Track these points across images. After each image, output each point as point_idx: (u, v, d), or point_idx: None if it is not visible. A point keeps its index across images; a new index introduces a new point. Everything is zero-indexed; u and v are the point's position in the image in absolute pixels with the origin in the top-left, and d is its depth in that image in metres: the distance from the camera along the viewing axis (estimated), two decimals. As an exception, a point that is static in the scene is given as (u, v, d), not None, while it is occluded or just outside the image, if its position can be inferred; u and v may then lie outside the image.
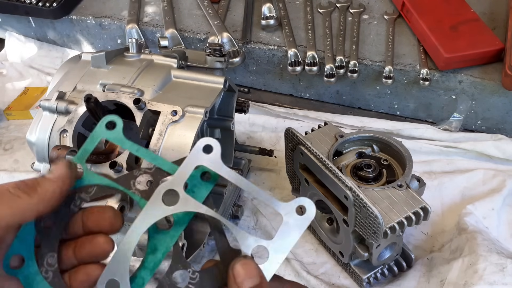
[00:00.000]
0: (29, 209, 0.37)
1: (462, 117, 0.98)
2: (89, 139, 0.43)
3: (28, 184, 0.37)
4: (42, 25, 1.28)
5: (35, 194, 0.37)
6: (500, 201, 0.84)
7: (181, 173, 0.41)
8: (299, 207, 0.40)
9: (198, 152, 0.41)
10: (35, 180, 0.38)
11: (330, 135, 0.76)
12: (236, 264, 0.38)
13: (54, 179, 0.38)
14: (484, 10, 1.05)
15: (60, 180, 0.39)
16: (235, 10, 1.15)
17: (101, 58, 0.73)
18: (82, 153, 0.44)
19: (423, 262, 0.78)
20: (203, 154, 0.41)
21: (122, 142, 0.44)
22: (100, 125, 0.43)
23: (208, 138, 0.41)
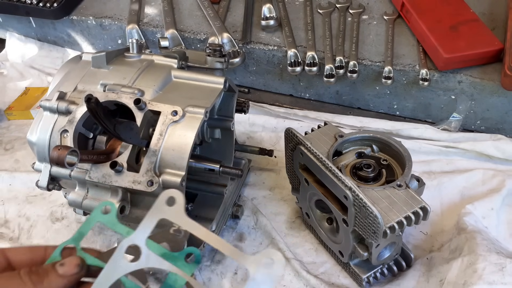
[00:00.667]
0: None
1: (461, 117, 0.99)
2: (85, 223, 0.45)
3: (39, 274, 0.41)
4: (43, 26, 1.28)
5: (40, 285, 0.40)
6: (500, 201, 0.84)
7: (144, 227, 0.41)
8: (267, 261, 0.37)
9: (161, 205, 0.41)
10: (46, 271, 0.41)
11: (330, 135, 0.76)
12: None
13: (63, 275, 0.41)
14: (484, 11, 1.06)
15: (67, 279, 0.41)
16: (235, 10, 1.15)
17: (102, 58, 0.73)
18: (78, 236, 0.45)
19: (422, 262, 0.78)
20: (166, 207, 0.41)
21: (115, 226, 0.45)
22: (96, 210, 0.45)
23: (171, 190, 0.41)
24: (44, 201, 0.93)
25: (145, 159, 0.63)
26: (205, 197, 0.82)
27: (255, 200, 0.91)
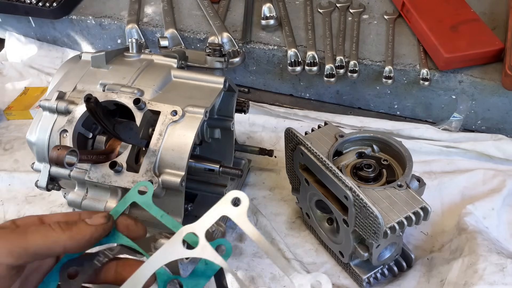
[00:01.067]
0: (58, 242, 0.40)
1: (462, 117, 0.98)
2: (121, 202, 0.47)
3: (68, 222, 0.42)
4: (42, 25, 1.28)
5: (69, 231, 0.41)
6: (500, 201, 0.84)
7: (206, 220, 0.43)
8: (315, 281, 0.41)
9: (226, 203, 0.43)
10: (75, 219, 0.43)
11: (330, 135, 0.76)
12: None
13: (90, 224, 0.42)
14: (484, 10, 1.05)
15: (95, 228, 0.42)
16: (235, 10, 1.15)
17: (101, 58, 0.73)
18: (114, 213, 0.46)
19: (423, 262, 0.78)
20: (231, 206, 0.43)
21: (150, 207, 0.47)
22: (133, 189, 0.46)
23: (238, 191, 0.42)
24: (44, 201, 0.93)
25: (145, 159, 0.62)
26: (205, 197, 0.82)
27: (255, 200, 0.91)
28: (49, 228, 0.40)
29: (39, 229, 0.40)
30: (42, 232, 0.40)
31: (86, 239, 0.42)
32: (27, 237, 0.39)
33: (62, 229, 0.41)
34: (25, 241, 0.39)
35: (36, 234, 0.40)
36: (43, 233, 0.40)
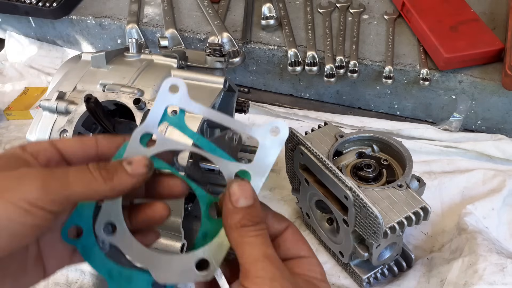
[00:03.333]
0: (99, 192, 0.38)
1: (462, 117, 0.98)
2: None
3: (108, 170, 0.39)
4: (42, 25, 1.28)
5: (110, 182, 0.38)
6: (500, 201, 0.84)
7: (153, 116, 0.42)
8: (273, 128, 0.41)
9: (165, 94, 0.41)
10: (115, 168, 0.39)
11: (330, 135, 0.76)
12: (233, 184, 0.40)
13: (131, 174, 0.39)
14: (484, 10, 1.05)
15: (136, 178, 0.39)
16: (235, 10, 1.15)
17: (101, 58, 0.73)
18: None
19: (423, 262, 0.78)
20: (171, 95, 0.41)
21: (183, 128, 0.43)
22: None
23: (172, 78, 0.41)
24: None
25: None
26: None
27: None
28: (91, 177, 0.38)
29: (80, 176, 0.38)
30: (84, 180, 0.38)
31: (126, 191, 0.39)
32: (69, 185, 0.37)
33: (104, 179, 0.38)
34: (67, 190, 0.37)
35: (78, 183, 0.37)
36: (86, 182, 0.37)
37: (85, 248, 0.42)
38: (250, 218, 0.39)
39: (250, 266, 0.37)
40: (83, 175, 0.38)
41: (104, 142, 0.42)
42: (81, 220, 0.42)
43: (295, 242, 0.41)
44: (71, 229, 0.42)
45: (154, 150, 0.42)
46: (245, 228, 0.38)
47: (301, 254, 0.41)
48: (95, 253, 0.42)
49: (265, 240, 0.38)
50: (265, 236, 0.38)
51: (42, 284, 0.81)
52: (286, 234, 0.42)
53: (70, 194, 0.37)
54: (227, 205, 0.39)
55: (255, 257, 0.37)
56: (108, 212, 0.42)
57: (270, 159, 0.42)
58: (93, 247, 0.42)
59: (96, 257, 0.42)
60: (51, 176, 0.37)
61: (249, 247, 0.38)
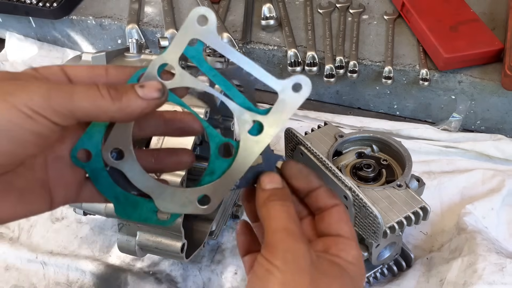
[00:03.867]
0: (106, 112, 0.37)
1: (461, 117, 0.98)
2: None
3: (117, 91, 0.37)
4: (43, 25, 1.28)
5: (118, 103, 0.37)
6: (500, 201, 0.84)
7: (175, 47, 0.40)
8: (295, 84, 0.40)
9: (192, 24, 0.39)
10: (125, 89, 0.38)
11: (330, 135, 0.76)
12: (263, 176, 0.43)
13: (142, 97, 0.38)
14: (484, 10, 1.05)
15: (146, 102, 0.38)
16: (235, 10, 1.15)
17: (102, 58, 0.73)
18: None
19: (422, 262, 0.78)
20: (198, 26, 0.39)
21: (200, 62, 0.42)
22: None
23: (202, 7, 0.38)
24: (44, 201, 0.93)
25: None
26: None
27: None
28: (98, 94, 0.36)
29: (87, 92, 0.36)
30: (90, 97, 0.36)
31: (135, 114, 0.38)
32: (74, 98, 0.35)
33: (112, 98, 0.36)
34: (72, 102, 0.35)
35: (84, 98, 0.35)
36: (92, 99, 0.36)
37: (93, 172, 0.42)
38: (278, 195, 0.41)
39: (270, 237, 0.39)
40: (90, 91, 0.36)
41: (114, 72, 0.41)
42: (90, 143, 0.41)
43: (338, 221, 0.42)
44: (81, 152, 0.41)
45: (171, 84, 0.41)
46: (271, 202, 0.41)
47: (340, 233, 0.42)
48: (103, 178, 0.42)
49: (289, 215, 0.40)
50: (289, 211, 0.40)
51: (43, 284, 0.82)
52: (333, 211, 0.43)
53: (75, 108, 0.35)
54: (258, 191, 0.42)
55: (276, 228, 0.39)
56: (117, 138, 0.41)
57: (287, 114, 0.41)
58: (101, 171, 0.42)
59: (104, 182, 0.42)
60: (57, 87, 0.36)
61: (273, 219, 0.40)
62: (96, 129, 0.41)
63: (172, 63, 0.41)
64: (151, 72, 0.40)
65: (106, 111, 0.37)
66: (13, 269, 0.84)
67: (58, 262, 0.83)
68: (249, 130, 0.42)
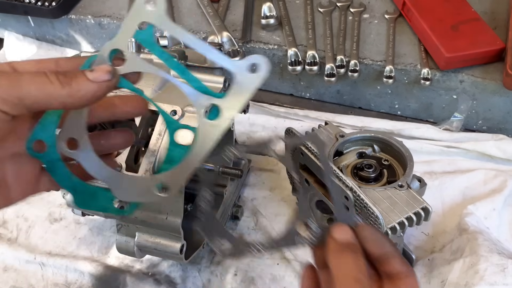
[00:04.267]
0: (56, 98, 0.36)
1: (463, 117, 0.98)
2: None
3: (66, 76, 0.37)
4: (41, 25, 1.28)
5: (68, 87, 0.36)
6: (502, 201, 0.84)
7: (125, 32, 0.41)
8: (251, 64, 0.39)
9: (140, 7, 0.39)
10: (74, 74, 0.37)
11: (330, 135, 0.76)
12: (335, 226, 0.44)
13: (92, 80, 0.37)
14: (485, 10, 1.05)
15: (97, 86, 0.37)
16: (235, 9, 1.15)
17: (100, 57, 0.73)
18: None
19: (424, 263, 0.77)
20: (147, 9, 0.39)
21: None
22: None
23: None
24: (42, 202, 0.92)
25: (144, 159, 0.62)
26: (204, 197, 0.82)
27: (255, 201, 0.90)
28: (45, 80, 0.36)
29: (34, 79, 0.35)
30: (38, 83, 0.35)
31: (87, 98, 0.37)
32: (21, 85, 0.35)
33: (61, 83, 0.36)
34: (19, 89, 0.34)
35: (32, 84, 0.35)
36: (39, 85, 0.35)
37: (50, 163, 0.41)
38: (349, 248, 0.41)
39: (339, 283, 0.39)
40: (38, 77, 0.36)
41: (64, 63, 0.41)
42: (45, 134, 0.41)
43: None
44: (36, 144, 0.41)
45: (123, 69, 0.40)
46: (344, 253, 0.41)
47: None
48: (60, 168, 0.42)
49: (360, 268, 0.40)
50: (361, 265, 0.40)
51: (41, 285, 0.81)
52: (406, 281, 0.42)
53: (23, 95, 0.35)
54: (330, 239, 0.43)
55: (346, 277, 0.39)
56: (71, 128, 0.41)
57: (244, 96, 0.40)
58: (57, 162, 0.41)
59: (61, 172, 0.42)
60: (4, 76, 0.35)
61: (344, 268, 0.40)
62: (50, 119, 0.40)
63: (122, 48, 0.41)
64: (102, 58, 0.40)
65: (57, 97, 0.36)
66: (11, 270, 0.83)
67: (57, 263, 0.82)
68: (206, 114, 0.41)
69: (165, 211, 0.66)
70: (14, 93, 0.35)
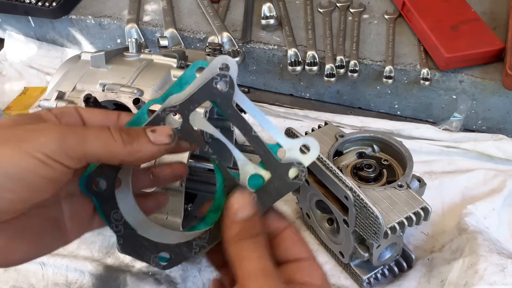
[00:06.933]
0: (117, 156, 0.37)
1: (462, 117, 0.98)
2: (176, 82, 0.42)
3: (130, 135, 0.37)
4: (42, 25, 1.28)
5: (129, 146, 0.37)
6: (501, 201, 0.84)
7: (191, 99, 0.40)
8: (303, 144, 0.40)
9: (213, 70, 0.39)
10: (137, 133, 0.38)
11: (330, 135, 0.76)
12: (232, 195, 0.40)
13: (153, 142, 0.38)
14: (485, 10, 1.05)
15: (157, 148, 0.38)
16: (235, 9, 1.15)
17: (101, 58, 0.73)
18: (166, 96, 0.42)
19: (423, 263, 0.77)
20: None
21: None
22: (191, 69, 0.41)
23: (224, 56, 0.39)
24: (43, 201, 0.92)
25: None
26: (205, 197, 0.82)
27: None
28: (110, 138, 0.36)
29: (100, 135, 0.36)
30: (103, 140, 0.36)
31: (145, 158, 0.38)
32: (87, 143, 0.36)
33: (124, 142, 0.37)
34: (84, 146, 0.35)
35: (97, 141, 0.36)
36: (104, 143, 0.36)
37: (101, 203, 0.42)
38: (248, 231, 0.38)
39: (245, 281, 0.36)
40: (103, 134, 0.37)
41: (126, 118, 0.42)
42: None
43: (294, 243, 0.41)
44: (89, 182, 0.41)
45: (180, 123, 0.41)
46: (242, 242, 0.38)
47: (300, 256, 0.40)
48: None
49: (262, 253, 0.38)
50: (262, 248, 0.38)
51: (41, 284, 0.81)
52: (285, 234, 0.41)
53: (87, 152, 0.36)
54: (225, 217, 0.39)
55: (250, 271, 0.36)
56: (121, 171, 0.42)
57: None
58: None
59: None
60: (70, 131, 0.36)
61: (245, 261, 0.37)
62: None
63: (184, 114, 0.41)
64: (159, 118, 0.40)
65: (117, 155, 0.37)
66: (12, 269, 0.84)
67: (57, 262, 0.82)
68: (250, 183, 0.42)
69: (165, 211, 0.67)
70: (79, 151, 0.35)
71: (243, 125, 0.42)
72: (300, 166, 0.40)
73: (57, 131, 0.35)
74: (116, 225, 0.42)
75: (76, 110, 0.41)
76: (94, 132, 0.37)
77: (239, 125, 0.42)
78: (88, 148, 0.36)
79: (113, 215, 0.42)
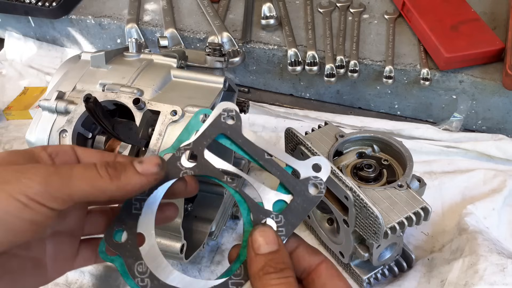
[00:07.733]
0: (105, 192, 0.36)
1: (462, 117, 0.98)
2: (183, 131, 0.44)
3: (116, 169, 0.37)
4: (42, 25, 1.28)
5: (117, 181, 0.36)
6: (501, 201, 0.84)
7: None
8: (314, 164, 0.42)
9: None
10: (123, 166, 0.37)
11: (330, 135, 0.76)
12: (255, 231, 0.39)
13: (141, 173, 0.37)
14: (485, 10, 1.05)
15: (146, 178, 0.38)
16: (235, 9, 1.15)
17: (101, 57, 0.73)
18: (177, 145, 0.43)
19: (423, 263, 0.77)
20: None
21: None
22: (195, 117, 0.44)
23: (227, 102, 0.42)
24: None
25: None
26: (204, 197, 0.82)
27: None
28: (96, 175, 0.36)
29: (85, 174, 0.35)
30: (89, 179, 0.35)
31: (134, 190, 0.37)
32: (72, 182, 0.35)
33: (111, 177, 0.36)
34: (70, 187, 0.35)
35: (82, 181, 0.35)
36: (90, 181, 0.35)
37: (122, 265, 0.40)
38: (273, 265, 0.37)
39: None
40: (88, 172, 0.36)
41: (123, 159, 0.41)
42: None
43: (331, 278, 0.39)
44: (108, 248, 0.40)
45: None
46: (268, 276, 0.37)
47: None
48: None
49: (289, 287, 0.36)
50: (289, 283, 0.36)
51: (41, 285, 0.81)
52: (321, 269, 0.39)
53: (73, 191, 0.35)
54: (249, 252, 0.39)
55: None
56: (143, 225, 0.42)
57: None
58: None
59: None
60: (55, 172, 0.35)
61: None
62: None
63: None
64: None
65: (105, 191, 0.36)
66: (12, 269, 0.84)
67: (57, 262, 0.82)
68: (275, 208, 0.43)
69: (166, 211, 0.67)
70: (65, 190, 0.35)
71: (255, 151, 0.43)
72: (317, 179, 0.42)
73: (42, 172, 0.34)
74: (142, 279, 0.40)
75: (72, 149, 0.40)
76: (80, 170, 0.36)
77: (251, 151, 0.43)
78: (74, 188, 0.35)
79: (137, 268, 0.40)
